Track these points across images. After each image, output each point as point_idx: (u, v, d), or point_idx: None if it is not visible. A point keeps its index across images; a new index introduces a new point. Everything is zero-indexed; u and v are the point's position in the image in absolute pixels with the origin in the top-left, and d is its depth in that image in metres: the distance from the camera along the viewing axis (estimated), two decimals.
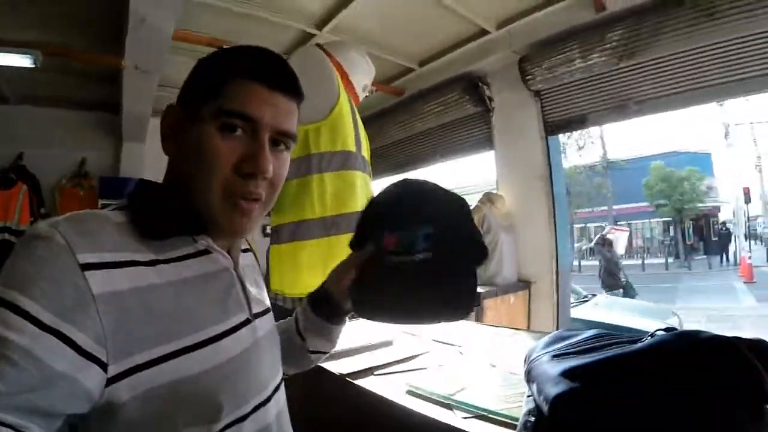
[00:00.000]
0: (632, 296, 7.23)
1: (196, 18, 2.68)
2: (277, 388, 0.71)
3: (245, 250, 0.82)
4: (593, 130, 19.23)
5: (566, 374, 0.64)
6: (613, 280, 7.58)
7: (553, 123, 3.10)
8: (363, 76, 1.62)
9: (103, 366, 0.47)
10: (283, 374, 0.81)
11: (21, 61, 2.79)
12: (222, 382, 0.58)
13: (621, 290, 7.29)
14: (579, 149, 19.18)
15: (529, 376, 0.77)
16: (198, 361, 0.55)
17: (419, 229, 0.79)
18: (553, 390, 0.64)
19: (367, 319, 0.86)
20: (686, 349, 0.61)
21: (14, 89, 3.88)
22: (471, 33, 3.08)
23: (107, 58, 2.88)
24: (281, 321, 0.92)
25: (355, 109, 1.53)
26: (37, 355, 0.43)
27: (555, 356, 0.74)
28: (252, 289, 0.72)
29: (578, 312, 4.62)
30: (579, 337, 0.79)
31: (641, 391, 0.58)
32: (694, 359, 0.59)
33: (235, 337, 0.62)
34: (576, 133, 18.28)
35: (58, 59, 2.94)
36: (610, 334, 0.76)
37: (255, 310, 0.70)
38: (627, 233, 11.91)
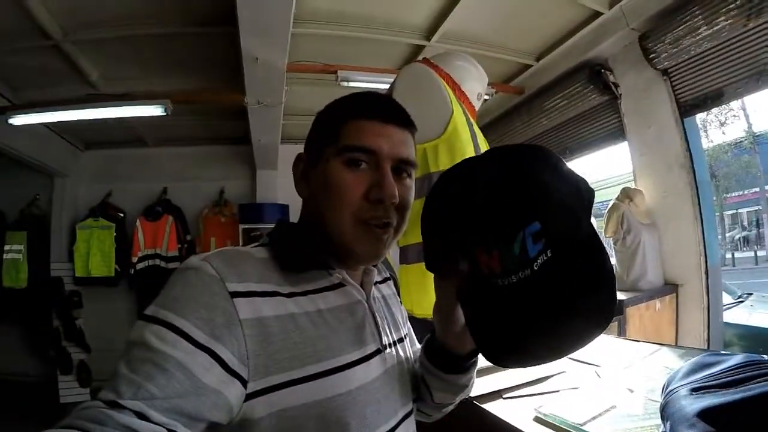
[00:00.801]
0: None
1: (307, 48, 2.87)
2: (406, 417, 0.73)
3: (383, 281, 0.86)
4: (734, 102, 16.77)
5: (703, 415, 0.58)
6: None
7: (687, 103, 2.76)
8: (475, 84, 1.56)
9: (244, 383, 0.53)
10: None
11: (153, 110, 3.19)
12: (351, 408, 0.60)
13: None
14: (721, 126, 16.84)
15: (665, 412, 0.71)
16: (329, 386, 0.59)
17: (522, 226, 0.54)
18: None
19: (510, 367, 0.75)
20: None
21: (151, 133, 4.52)
22: (583, 17, 2.90)
23: (231, 96, 3.20)
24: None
25: (472, 120, 1.47)
26: (189, 367, 0.48)
27: (694, 389, 0.67)
28: (384, 320, 0.76)
29: (732, 315, 3.97)
30: (723, 365, 0.70)
31: None
32: None
33: (366, 366, 0.66)
34: (716, 108, 16.09)
35: (187, 103, 3.33)
36: (761, 361, 0.66)
37: (386, 341, 0.73)
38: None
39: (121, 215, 4.52)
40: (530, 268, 0.54)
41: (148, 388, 0.45)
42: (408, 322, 0.91)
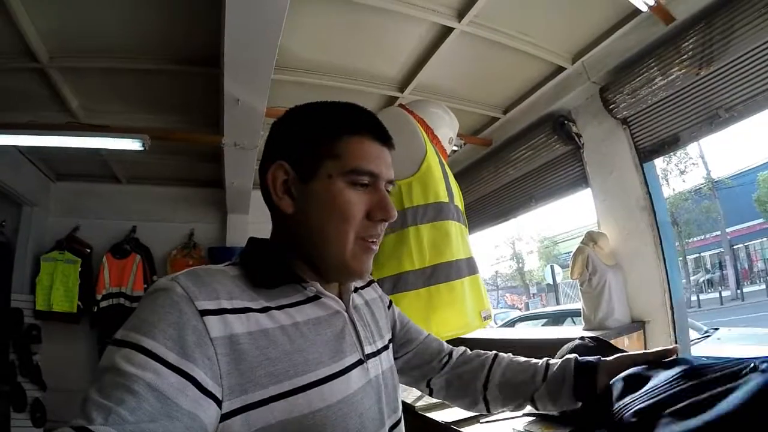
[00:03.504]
0: None
1: (285, 94, 2.94)
2: (394, 426, 0.72)
3: (367, 284, 0.87)
4: (693, 151, 17.76)
5: None
6: None
7: (646, 149, 2.92)
8: (447, 129, 1.66)
9: (219, 403, 0.52)
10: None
11: (131, 145, 3.15)
12: (332, 423, 0.60)
13: None
14: (681, 174, 17.73)
15: None
16: (309, 401, 0.58)
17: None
18: None
19: None
20: None
21: (124, 170, 4.47)
22: (547, 73, 3.09)
23: (208, 137, 3.23)
24: (522, 360, 0.89)
25: (444, 162, 1.56)
26: (161, 390, 0.47)
27: (637, 412, 0.61)
28: (366, 328, 0.75)
29: (700, 349, 4.12)
30: (659, 379, 0.65)
31: None
32: None
33: (347, 378, 0.65)
34: (676, 157, 16.98)
35: (164, 141, 3.32)
36: (696, 370, 0.62)
37: (368, 351, 0.72)
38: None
39: (88, 251, 4.37)
40: None
41: (119, 412, 0.44)
42: (395, 326, 0.91)
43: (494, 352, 0.91)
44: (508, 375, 0.86)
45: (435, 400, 1.38)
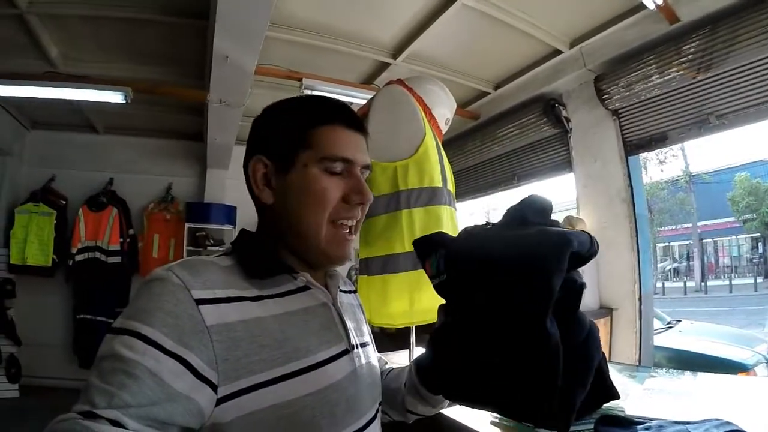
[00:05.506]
0: None
1: (275, 52, 2.86)
2: (374, 418, 0.74)
3: (349, 292, 0.88)
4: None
5: None
6: None
7: (633, 142, 2.97)
8: (444, 109, 1.64)
9: (214, 388, 0.54)
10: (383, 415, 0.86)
11: (113, 97, 3.07)
12: (321, 407, 0.62)
13: None
14: (660, 164, 18.03)
15: None
16: (299, 386, 0.60)
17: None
18: None
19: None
20: None
21: (102, 120, 4.32)
22: (544, 54, 3.07)
23: (193, 92, 3.15)
24: (397, 367, 0.93)
25: (439, 144, 1.55)
26: (160, 375, 0.49)
27: None
28: (351, 323, 0.77)
29: (662, 339, 4.28)
30: None
31: None
32: None
33: (335, 366, 0.67)
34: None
35: (147, 94, 3.23)
36: None
37: (354, 341, 0.74)
38: None
39: (63, 202, 4.26)
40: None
41: (122, 396, 0.46)
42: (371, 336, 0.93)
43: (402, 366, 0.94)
44: (388, 383, 0.89)
45: None
